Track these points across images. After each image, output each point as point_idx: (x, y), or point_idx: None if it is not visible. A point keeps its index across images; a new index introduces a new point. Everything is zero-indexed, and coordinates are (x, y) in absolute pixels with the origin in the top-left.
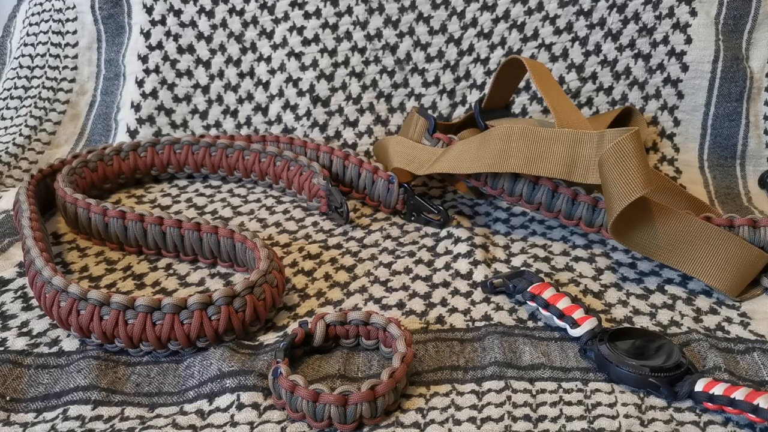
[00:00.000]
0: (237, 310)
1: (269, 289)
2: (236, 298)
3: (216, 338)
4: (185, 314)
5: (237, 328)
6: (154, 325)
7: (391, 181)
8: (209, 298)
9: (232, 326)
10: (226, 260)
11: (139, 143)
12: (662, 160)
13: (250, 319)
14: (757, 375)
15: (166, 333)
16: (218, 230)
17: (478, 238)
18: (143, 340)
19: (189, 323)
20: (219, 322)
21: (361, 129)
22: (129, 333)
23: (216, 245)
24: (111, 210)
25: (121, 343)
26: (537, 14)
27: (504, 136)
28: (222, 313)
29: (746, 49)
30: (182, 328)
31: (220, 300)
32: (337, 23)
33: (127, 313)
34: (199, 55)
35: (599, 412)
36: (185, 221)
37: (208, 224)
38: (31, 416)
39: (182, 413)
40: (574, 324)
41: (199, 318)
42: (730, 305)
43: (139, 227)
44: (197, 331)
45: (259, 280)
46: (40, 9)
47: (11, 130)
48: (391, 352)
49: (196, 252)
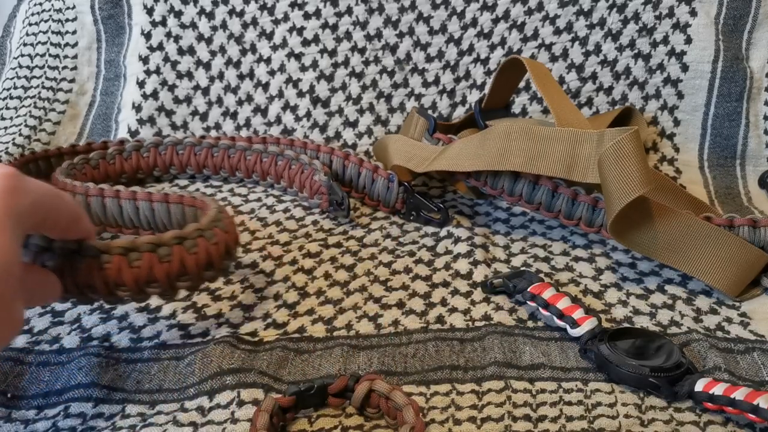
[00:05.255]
0: (189, 251)
1: (222, 234)
2: (187, 240)
3: (168, 283)
4: (134, 256)
5: (191, 270)
6: (102, 269)
7: (391, 179)
8: (159, 239)
9: (185, 269)
10: None
11: (141, 143)
12: (662, 160)
13: (203, 262)
14: (757, 375)
15: (113, 277)
16: (168, 197)
17: (478, 238)
18: (91, 284)
19: (139, 265)
20: (171, 264)
21: (361, 129)
22: (77, 279)
23: (167, 214)
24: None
25: None
26: (537, 14)
27: (504, 134)
28: (174, 254)
29: (746, 49)
30: (131, 272)
31: (171, 240)
32: (337, 23)
33: None
34: (200, 57)
35: (599, 412)
36: (139, 192)
37: (158, 193)
38: (33, 413)
39: (183, 410)
40: (574, 324)
41: (149, 260)
42: (730, 305)
43: (99, 202)
44: (147, 274)
45: (210, 224)
46: (39, 9)
47: (11, 130)
48: (397, 424)
49: (152, 225)
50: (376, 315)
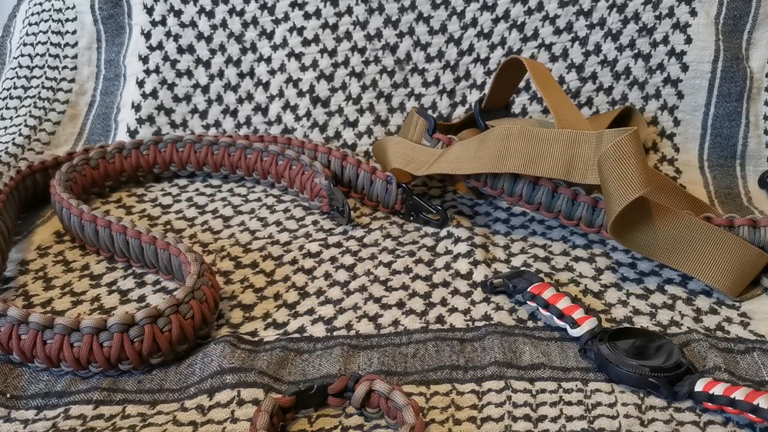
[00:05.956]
0: (162, 330)
1: (198, 306)
2: (160, 317)
3: (140, 361)
4: (105, 336)
5: (164, 348)
6: (72, 347)
7: (389, 181)
8: (131, 319)
9: (158, 347)
10: (165, 272)
11: (141, 141)
12: (662, 160)
13: (176, 339)
14: (757, 375)
15: (84, 355)
16: (156, 241)
17: (478, 238)
18: (63, 360)
19: (109, 346)
20: (143, 343)
21: (360, 129)
22: (48, 353)
23: (154, 256)
24: (86, 214)
25: (42, 363)
26: (537, 14)
27: (503, 136)
28: (146, 334)
29: (746, 49)
30: (101, 351)
31: (143, 320)
32: (337, 23)
33: (45, 333)
34: (199, 55)
35: (599, 412)
36: (129, 228)
37: (147, 234)
38: (32, 413)
39: (183, 409)
40: (574, 324)
41: (120, 340)
42: (730, 305)
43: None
44: (117, 353)
45: (185, 297)
46: (39, 9)
47: (11, 130)
48: (397, 424)
49: (139, 260)
50: (376, 315)
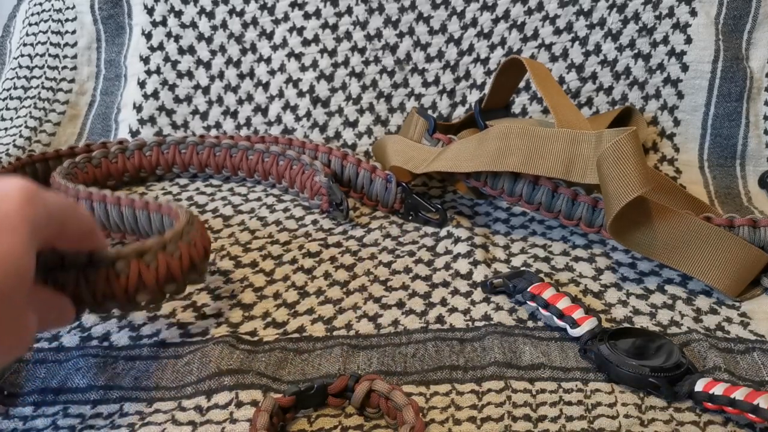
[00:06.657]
0: (148, 266)
1: (186, 248)
2: (146, 254)
3: (126, 298)
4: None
5: (150, 284)
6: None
7: (389, 180)
8: (116, 254)
9: (144, 284)
10: None
11: (144, 142)
12: (662, 160)
13: (163, 277)
14: (757, 375)
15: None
16: (149, 205)
17: (478, 238)
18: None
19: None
20: (128, 279)
21: (360, 129)
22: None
23: (148, 222)
24: (82, 192)
25: None
26: (537, 14)
27: (502, 135)
28: (131, 268)
29: (746, 49)
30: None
31: (129, 255)
32: (337, 23)
33: None
34: (200, 56)
35: (599, 412)
36: (123, 198)
37: (140, 200)
38: (30, 409)
39: (181, 409)
40: (574, 324)
41: (105, 275)
42: (730, 305)
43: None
44: (103, 288)
45: (173, 237)
46: (39, 9)
47: (11, 132)
48: (396, 424)
49: (134, 231)
50: (376, 315)
